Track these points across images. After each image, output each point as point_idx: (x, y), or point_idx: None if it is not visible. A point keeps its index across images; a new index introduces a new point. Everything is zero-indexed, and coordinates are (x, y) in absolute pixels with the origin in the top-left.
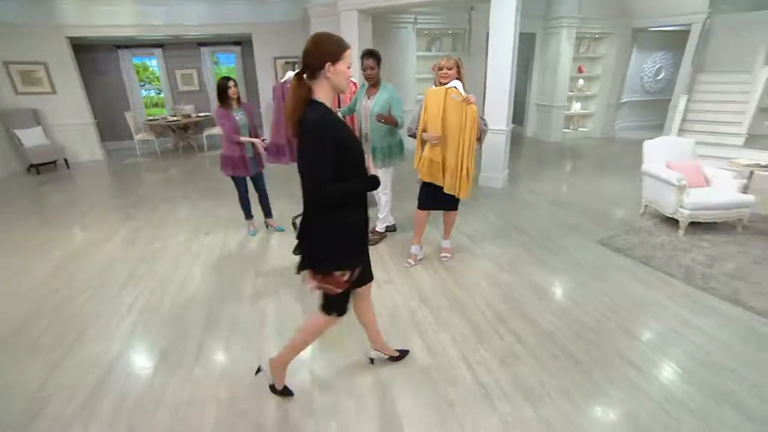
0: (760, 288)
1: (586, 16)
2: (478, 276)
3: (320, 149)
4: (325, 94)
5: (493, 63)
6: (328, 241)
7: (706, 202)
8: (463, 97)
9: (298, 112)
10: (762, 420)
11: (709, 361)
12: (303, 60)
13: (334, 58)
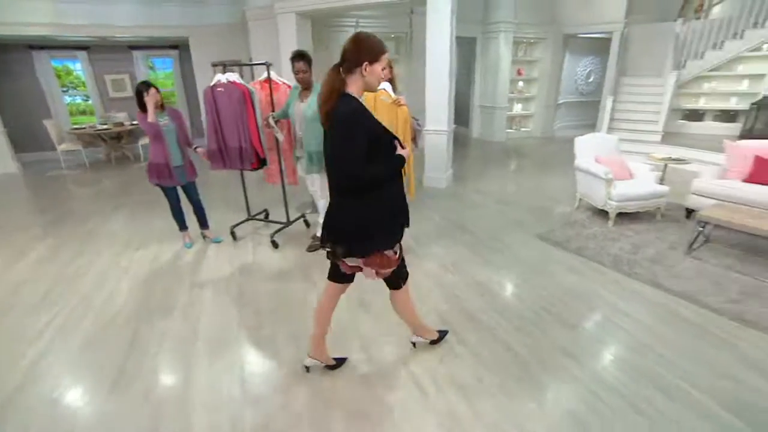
0: (674, 270)
1: (522, 21)
2: (422, 277)
3: (356, 138)
4: (357, 89)
5: (431, 66)
6: (373, 225)
7: (630, 193)
8: (394, 99)
9: (331, 102)
10: (684, 401)
11: (636, 345)
12: (343, 55)
13: (373, 59)
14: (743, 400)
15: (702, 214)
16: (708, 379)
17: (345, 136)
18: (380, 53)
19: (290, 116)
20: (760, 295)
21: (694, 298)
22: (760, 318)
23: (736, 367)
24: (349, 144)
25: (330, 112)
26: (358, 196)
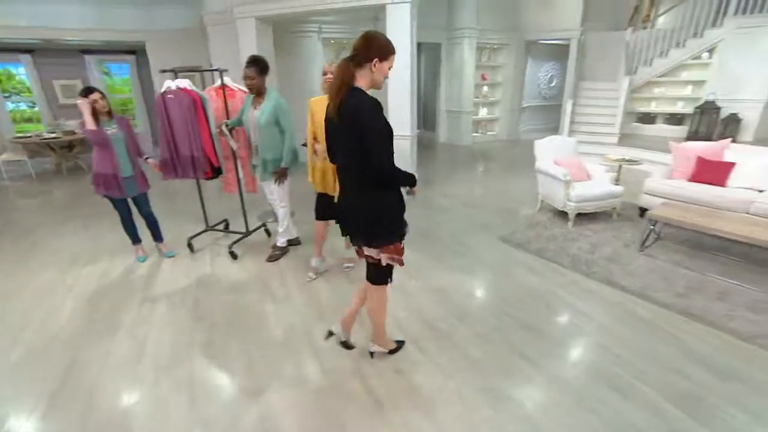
0: (628, 268)
1: (484, 27)
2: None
3: (380, 131)
4: (365, 83)
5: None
6: (389, 218)
7: (588, 194)
8: None
9: (341, 94)
10: (637, 398)
11: (593, 345)
12: (354, 50)
13: (383, 57)
14: (690, 395)
15: (651, 213)
16: (659, 375)
17: (368, 127)
18: (390, 53)
19: (244, 123)
20: (704, 290)
21: (646, 294)
22: (704, 312)
23: (684, 362)
24: (372, 136)
25: (340, 105)
26: (377, 189)
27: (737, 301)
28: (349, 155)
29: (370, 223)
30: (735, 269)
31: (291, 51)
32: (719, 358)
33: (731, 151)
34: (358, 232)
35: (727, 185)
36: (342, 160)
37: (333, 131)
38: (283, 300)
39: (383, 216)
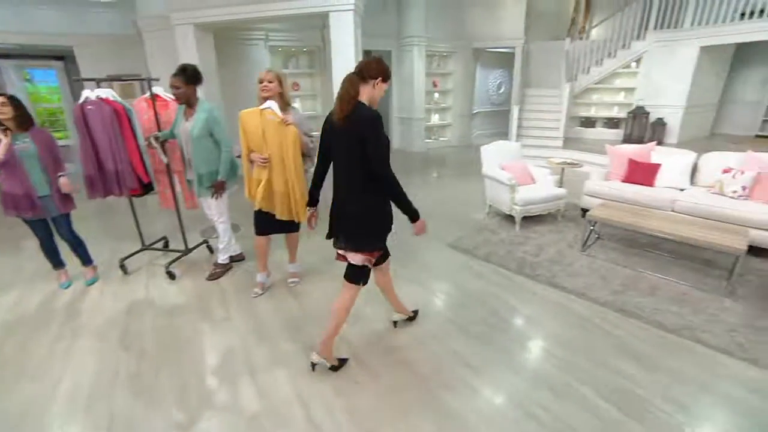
0: (570, 269)
1: (433, 36)
2: (328, 299)
3: (382, 141)
4: (365, 98)
5: (337, 80)
6: (381, 226)
7: (533, 197)
8: (281, 119)
9: (351, 106)
10: (572, 398)
11: (534, 347)
12: (362, 67)
13: (385, 78)
14: (622, 390)
15: (589, 214)
16: (595, 373)
17: (373, 135)
18: (389, 76)
19: (176, 136)
20: (637, 286)
21: (586, 294)
22: (637, 307)
23: (617, 358)
24: (376, 145)
25: (349, 115)
26: (376, 196)
27: (665, 295)
28: (351, 161)
29: (364, 227)
30: (665, 264)
31: (238, 59)
32: (648, 351)
33: (657, 153)
34: (352, 235)
35: (654, 185)
36: (341, 165)
37: (334, 137)
38: (222, 321)
39: (376, 223)
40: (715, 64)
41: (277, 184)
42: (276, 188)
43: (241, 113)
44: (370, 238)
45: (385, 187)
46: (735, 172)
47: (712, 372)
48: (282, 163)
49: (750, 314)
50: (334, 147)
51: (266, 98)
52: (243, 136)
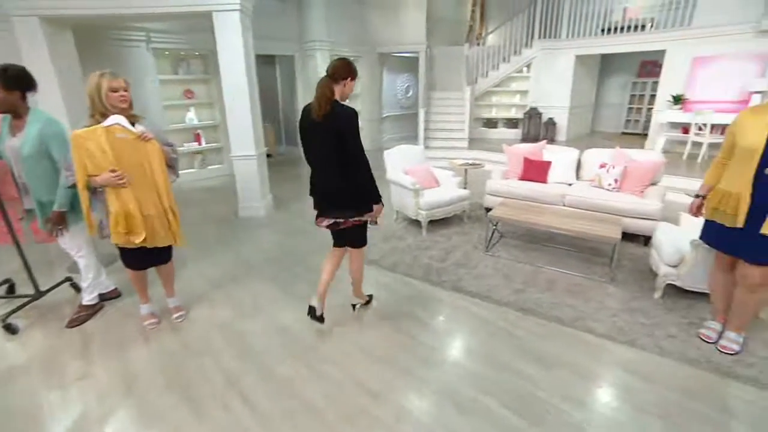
0: (475, 271)
1: (336, 40)
2: (215, 330)
3: (358, 132)
4: (338, 95)
5: (228, 86)
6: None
7: (437, 200)
8: (136, 135)
9: (328, 105)
10: (475, 411)
11: (438, 361)
12: (334, 70)
13: (353, 77)
14: (523, 393)
15: (489, 214)
16: (497, 379)
17: (351, 131)
18: (356, 74)
19: (4, 157)
20: (537, 282)
21: (489, 296)
22: (536, 304)
23: (518, 359)
24: (355, 135)
25: (327, 114)
26: (356, 174)
27: (561, 288)
28: (330, 151)
29: (356, 197)
30: (560, 257)
31: (112, 63)
32: (548, 349)
33: (548, 151)
34: (347, 206)
35: (547, 181)
36: (322, 155)
37: (313, 131)
38: (77, 381)
39: (359, 192)
40: (588, 70)
41: (147, 208)
42: (146, 213)
43: (74, 134)
44: (361, 202)
45: (360, 170)
46: (608, 166)
47: (601, 360)
48: (148, 184)
49: (626, 297)
50: (313, 140)
51: (122, 110)
52: (79, 161)
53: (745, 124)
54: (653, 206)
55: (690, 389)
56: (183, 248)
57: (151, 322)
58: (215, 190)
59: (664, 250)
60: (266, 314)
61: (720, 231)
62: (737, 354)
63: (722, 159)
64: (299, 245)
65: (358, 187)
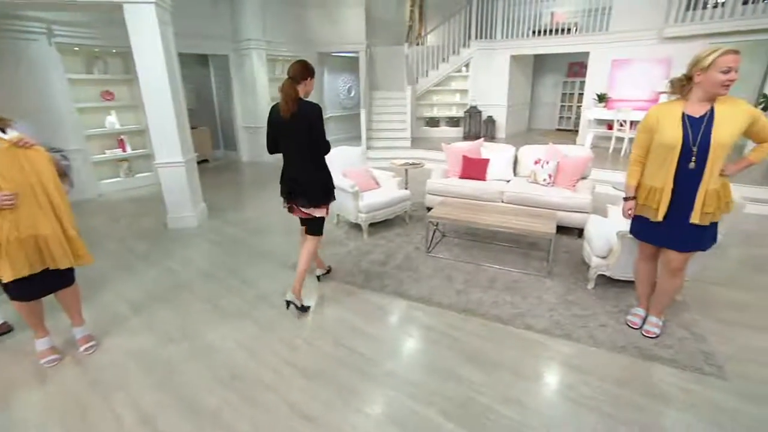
0: (417, 274)
1: (272, 39)
2: (132, 360)
3: (323, 125)
4: (302, 94)
5: (147, 87)
6: (327, 185)
7: (377, 202)
8: (13, 141)
9: (294, 104)
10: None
11: (380, 375)
12: (294, 73)
13: (312, 76)
14: (465, 402)
15: (428, 215)
16: (440, 389)
17: (319, 123)
18: (313, 72)
19: None
20: (478, 281)
21: (431, 299)
22: (478, 304)
23: (460, 365)
24: (321, 129)
25: (295, 112)
26: (324, 168)
27: (501, 285)
28: (301, 144)
29: (323, 189)
30: (500, 253)
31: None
32: (489, 351)
33: (485, 149)
34: (314, 196)
35: (486, 179)
36: (293, 149)
37: (283, 128)
38: None
39: (326, 186)
40: (523, 70)
41: (44, 227)
42: (42, 232)
43: None
44: (325, 196)
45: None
46: (542, 162)
47: (540, 357)
48: (39, 200)
49: (562, 291)
50: (285, 136)
51: None
52: None
53: (661, 120)
54: (584, 199)
55: (620, 377)
56: (99, 269)
57: (51, 358)
58: (144, 201)
59: (594, 242)
60: (194, 336)
61: (648, 225)
62: (658, 337)
63: (639, 156)
64: (234, 256)
65: (328, 180)
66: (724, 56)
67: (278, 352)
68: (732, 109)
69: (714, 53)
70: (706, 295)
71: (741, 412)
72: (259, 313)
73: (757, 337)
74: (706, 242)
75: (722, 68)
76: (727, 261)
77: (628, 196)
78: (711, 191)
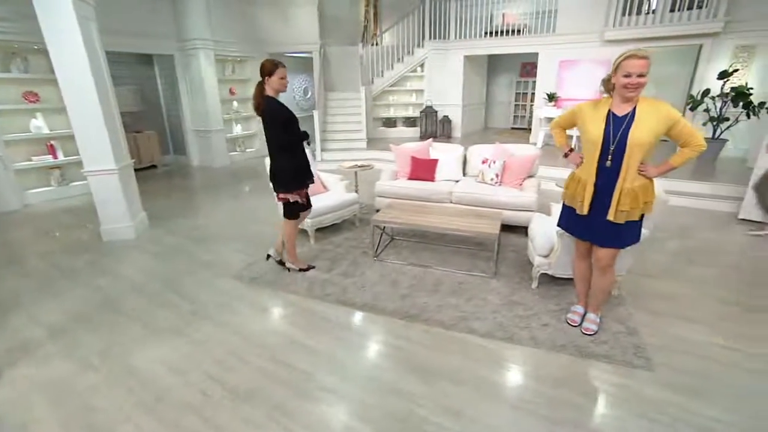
0: (362, 280)
1: (221, 39)
2: (39, 393)
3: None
4: (271, 92)
5: (68, 88)
6: (278, 176)
7: (323, 207)
8: None
9: (262, 102)
10: None
11: (314, 392)
12: (261, 72)
13: (270, 74)
14: (405, 417)
15: (373, 219)
16: (383, 404)
17: (273, 123)
18: (273, 69)
19: None
20: (424, 284)
21: (374, 305)
22: (422, 309)
23: (401, 376)
24: (275, 126)
25: (264, 109)
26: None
27: (447, 288)
28: (267, 137)
29: (274, 179)
30: (448, 255)
31: None
32: (429, 358)
33: (434, 149)
34: (275, 184)
35: (435, 180)
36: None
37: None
38: None
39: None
40: (478, 70)
41: None
42: None
43: None
44: (278, 185)
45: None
46: (489, 161)
47: (481, 362)
48: None
49: (507, 291)
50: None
51: None
52: None
53: (586, 117)
54: (530, 198)
55: (558, 377)
56: (13, 289)
57: None
58: (79, 211)
59: (537, 241)
60: (116, 359)
61: (575, 218)
62: (596, 334)
63: (557, 125)
64: (172, 267)
65: (280, 171)
66: (625, 60)
67: (209, 371)
68: (653, 110)
69: (620, 57)
70: (642, 288)
71: (668, 403)
72: (193, 329)
73: (684, 327)
74: (625, 240)
75: (624, 72)
76: (662, 254)
77: (566, 152)
78: (628, 190)
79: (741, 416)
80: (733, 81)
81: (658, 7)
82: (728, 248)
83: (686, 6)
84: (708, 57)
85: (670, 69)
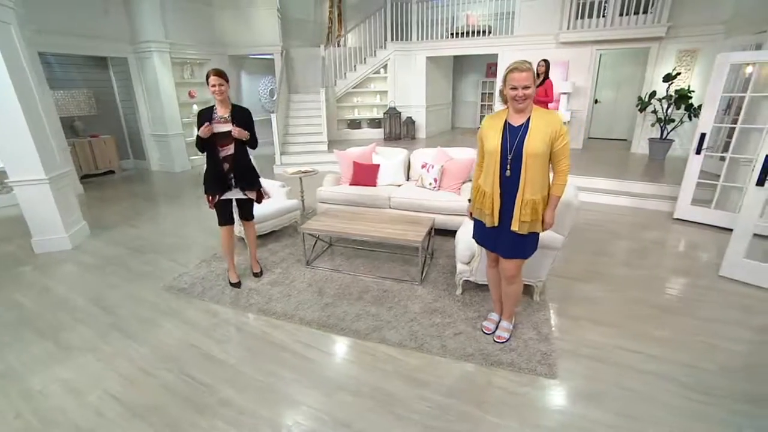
0: (289, 288)
1: (177, 41)
2: None
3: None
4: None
5: None
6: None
7: (261, 214)
8: None
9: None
10: None
11: (212, 404)
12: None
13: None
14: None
15: (301, 228)
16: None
17: (249, 123)
18: (207, 77)
19: None
20: (350, 293)
21: (294, 314)
22: (339, 319)
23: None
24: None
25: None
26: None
27: (371, 297)
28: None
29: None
30: (383, 261)
31: None
32: (335, 370)
33: (378, 154)
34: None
35: (377, 184)
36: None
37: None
38: None
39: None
40: (443, 71)
41: None
42: None
43: None
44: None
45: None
46: (428, 166)
47: (385, 374)
48: None
49: (431, 298)
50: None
51: None
52: None
53: (487, 129)
54: (463, 203)
55: (456, 387)
56: None
57: None
58: (12, 222)
59: (459, 248)
60: (12, 382)
61: (484, 230)
62: (507, 341)
63: (480, 161)
64: (102, 280)
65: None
66: (510, 74)
67: (110, 388)
68: (545, 121)
69: (507, 69)
70: (568, 291)
71: (561, 410)
72: (107, 343)
73: (595, 330)
74: (527, 250)
75: (510, 85)
76: (595, 255)
77: (470, 197)
78: (528, 201)
79: (627, 420)
80: (677, 83)
81: (609, 11)
82: (658, 249)
83: (633, 11)
84: (655, 60)
85: (627, 70)
